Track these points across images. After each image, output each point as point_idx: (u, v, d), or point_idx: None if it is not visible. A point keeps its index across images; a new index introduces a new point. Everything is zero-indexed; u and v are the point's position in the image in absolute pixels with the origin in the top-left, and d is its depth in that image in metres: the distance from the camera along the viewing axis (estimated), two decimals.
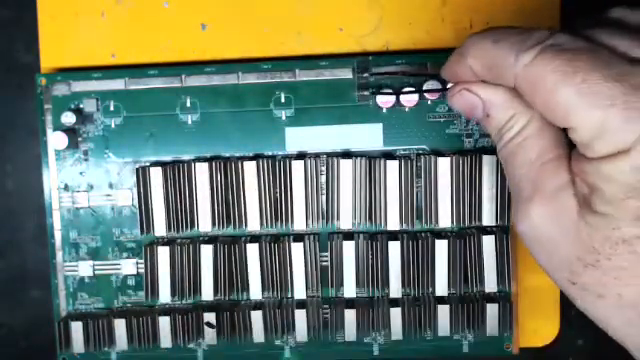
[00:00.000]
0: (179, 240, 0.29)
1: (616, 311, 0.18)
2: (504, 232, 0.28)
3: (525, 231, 0.19)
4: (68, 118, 0.29)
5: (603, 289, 0.18)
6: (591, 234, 0.18)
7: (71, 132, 0.29)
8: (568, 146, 0.19)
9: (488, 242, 0.28)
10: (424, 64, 0.28)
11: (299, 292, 0.29)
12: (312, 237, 0.29)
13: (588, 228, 0.18)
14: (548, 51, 0.17)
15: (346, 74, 0.29)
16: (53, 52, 0.30)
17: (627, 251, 0.17)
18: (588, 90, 0.16)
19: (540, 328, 0.30)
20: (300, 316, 0.29)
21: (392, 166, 0.28)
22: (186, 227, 0.29)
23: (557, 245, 0.19)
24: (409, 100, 0.28)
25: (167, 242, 0.29)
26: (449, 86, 0.22)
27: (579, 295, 0.19)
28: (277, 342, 0.30)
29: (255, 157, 0.29)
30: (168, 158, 0.29)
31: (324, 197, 0.29)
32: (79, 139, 0.30)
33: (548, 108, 0.18)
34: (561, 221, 0.18)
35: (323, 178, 0.29)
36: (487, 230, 0.29)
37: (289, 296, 0.29)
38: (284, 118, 0.29)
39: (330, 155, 0.29)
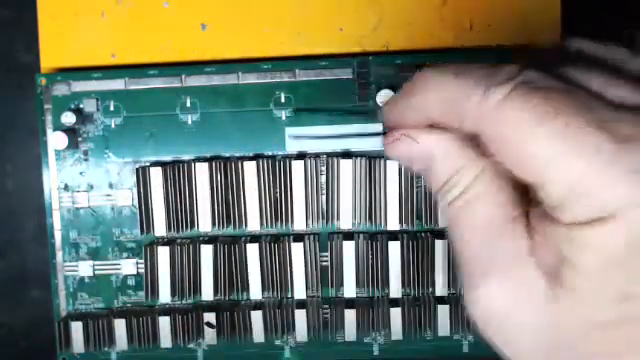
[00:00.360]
0: (179, 240, 0.29)
1: None
2: None
3: (482, 316, 0.16)
4: (68, 118, 0.29)
5: None
6: (564, 315, 0.15)
7: (71, 132, 0.29)
8: (524, 206, 0.16)
9: None
10: (424, 64, 0.28)
11: (299, 292, 0.29)
12: (312, 237, 0.29)
13: (560, 308, 0.15)
14: (522, 88, 0.14)
15: (346, 74, 0.29)
16: (53, 52, 0.30)
17: (608, 337, 0.14)
18: (572, 137, 0.14)
19: None
20: (300, 316, 0.29)
21: (392, 166, 0.28)
22: (186, 227, 0.29)
23: (524, 331, 0.15)
24: None
25: (167, 242, 0.29)
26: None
27: None
28: (277, 342, 0.30)
29: (255, 157, 0.29)
30: (168, 158, 0.29)
31: (324, 197, 0.29)
32: (79, 139, 0.30)
33: (519, 156, 0.14)
34: (525, 301, 0.15)
35: (323, 178, 0.29)
36: None
37: (289, 296, 0.29)
38: (284, 118, 0.29)
39: (330, 155, 0.29)
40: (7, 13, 0.31)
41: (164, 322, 0.29)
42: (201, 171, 0.28)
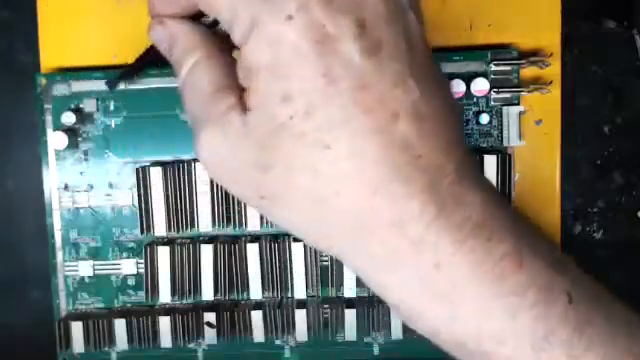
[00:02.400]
0: (179, 240, 0.29)
1: (296, 208, 0.18)
2: None
3: (204, 159, 0.19)
4: (68, 118, 0.29)
5: (283, 190, 0.18)
6: (254, 134, 0.17)
7: (71, 132, 0.29)
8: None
9: None
10: None
11: (299, 292, 0.29)
12: None
13: (250, 129, 0.17)
14: None
15: None
16: (53, 52, 0.30)
17: (289, 136, 0.17)
18: None
19: None
20: (300, 316, 0.29)
21: None
22: (186, 227, 0.29)
23: (234, 162, 0.18)
24: None
25: (167, 242, 0.29)
26: None
27: (271, 207, 0.18)
28: (277, 342, 0.30)
29: None
30: (168, 158, 0.29)
31: None
32: (79, 139, 0.30)
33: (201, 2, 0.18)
34: (229, 137, 0.18)
35: None
36: None
37: (289, 296, 0.29)
38: None
39: None
40: (7, 13, 0.31)
41: (164, 322, 0.29)
42: (201, 171, 0.28)
